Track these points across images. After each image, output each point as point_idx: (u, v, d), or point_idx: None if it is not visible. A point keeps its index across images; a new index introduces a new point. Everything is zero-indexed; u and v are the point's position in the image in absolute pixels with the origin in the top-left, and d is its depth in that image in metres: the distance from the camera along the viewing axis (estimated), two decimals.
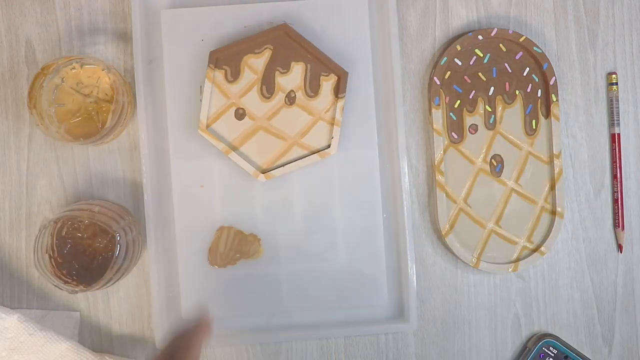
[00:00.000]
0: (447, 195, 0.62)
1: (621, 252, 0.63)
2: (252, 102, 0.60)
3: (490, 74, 0.62)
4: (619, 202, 0.63)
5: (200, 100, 0.60)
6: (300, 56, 0.60)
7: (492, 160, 0.62)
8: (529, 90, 0.62)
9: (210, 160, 0.61)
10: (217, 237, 0.60)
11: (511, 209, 0.62)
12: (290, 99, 0.60)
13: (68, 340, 0.52)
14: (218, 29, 0.61)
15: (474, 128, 0.62)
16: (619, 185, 0.63)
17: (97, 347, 0.61)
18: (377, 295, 0.61)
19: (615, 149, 0.63)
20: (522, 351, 0.63)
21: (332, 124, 0.60)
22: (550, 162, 0.62)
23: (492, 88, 0.62)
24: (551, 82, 0.62)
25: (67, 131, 0.56)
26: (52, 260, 0.56)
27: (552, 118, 0.62)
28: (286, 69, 0.60)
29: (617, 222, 0.63)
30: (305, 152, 0.60)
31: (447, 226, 0.61)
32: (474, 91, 0.62)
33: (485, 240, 0.62)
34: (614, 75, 0.63)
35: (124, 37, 0.62)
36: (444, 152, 0.62)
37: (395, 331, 0.62)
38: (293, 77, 0.60)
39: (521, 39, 0.61)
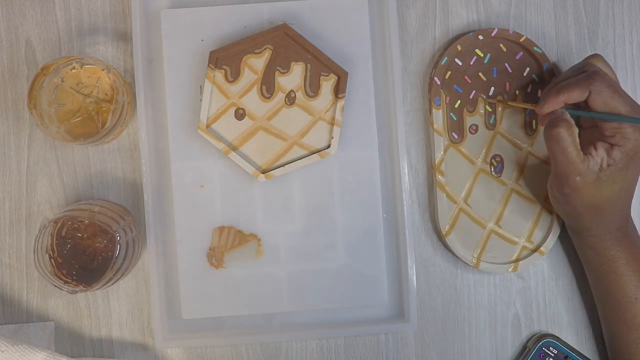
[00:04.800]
0: (447, 195, 0.62)
1: None
2: (252, 102, 0.60)
3: (490, 74, 0.62)
4: None
5: (200, 100, 0.60)
6: (300, 56, 0.60)
7: (492, 160, 0.62)
8: (529, 90, 0.62)
9: (210, 160, 0.61)
10: (216, 237, 0.60)
11: (511, 209, 0.62)
12: (290, 99, 0.60)
13: (43, 350, 0.52)
14: (218, 29, 0.61)
15: (474, 128, 0.62)
16: None
17: (97, 347, 0.61)
18: (377, 295, 0.61)
19: None
20: (522, 351, 0.63)
21: (332, 124, 0.60)
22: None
23: (493, 88, 0.62)
24: None
25: (67, 131, 0.56)
26: (52, 260, 0.56)
27: None
28: (286, 69, 0.60)
29: None
30: (305, 152, 0.60)
31: (447, 226, 0.61)
32: (474, 91, 0.62)
33: (485, 240, 0.62)
34: None
35: (124, 37, 0.62)
36: (444, 152, 0.62)
37: (395, 331, 0.62)
38: (293, 77, 0.60)
39: (521, 39, 0.61)
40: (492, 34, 0.61)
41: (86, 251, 0.56)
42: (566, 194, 0.55)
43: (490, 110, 0.62)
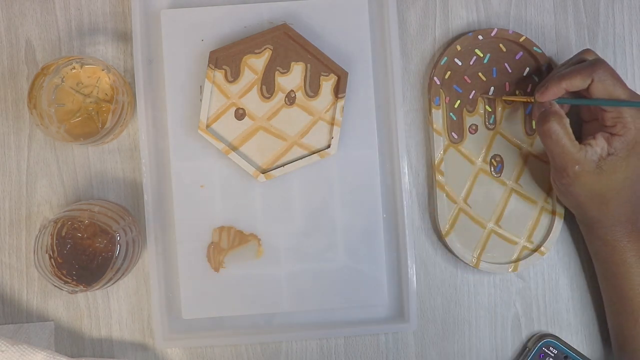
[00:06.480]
0: (447, 195, 0.62)
1: None
2: (252, 102, 0.60)
3: (490, 74, 0.62)
4: None
5: (200, 100, 0.60)
6: (300, 56, 0.60)
7: (492, 160, 0.62)
8: (529, 90, 0.62)
9: (210, 160, 0.61)
10: (216, 237, 0.60)
11: (511, 209, 0.62)
12: (290, 99, 0.60)
13: (43, 350, 0.52)
14: (218, 29, 0.61)
15: (474, 128, 0.62)
16: None
17: (97, 346, 0.61)
18: (377, 295, 0.61)
19: None
20: (522, 351, 0.63)
21: (332, 124, 0.60)
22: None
23: (492, 88, 0.62)
24: None
25: (67, 131, 0.56)
26: (52, 260, 0.56)
27: None
28: (286, 69, 0.60)
29: None
30: (305, 152, 0.60)
31: (447, 226, 0.61)
32: (474, 91, 0.62)
33: (485, 240, 0.62)
34: None
35: (124, 37, 0.62)
36: (444, 152, 0.62)
37: (395, 331, 0.62)
38: (293, 77, 0.60)
39: (521, 39, 0.61)
40: (492, 34, 0.61)
41: (86, 251, 0.56)
42: (566, 185, 0.55)
43: (490, 110, 0.62)
